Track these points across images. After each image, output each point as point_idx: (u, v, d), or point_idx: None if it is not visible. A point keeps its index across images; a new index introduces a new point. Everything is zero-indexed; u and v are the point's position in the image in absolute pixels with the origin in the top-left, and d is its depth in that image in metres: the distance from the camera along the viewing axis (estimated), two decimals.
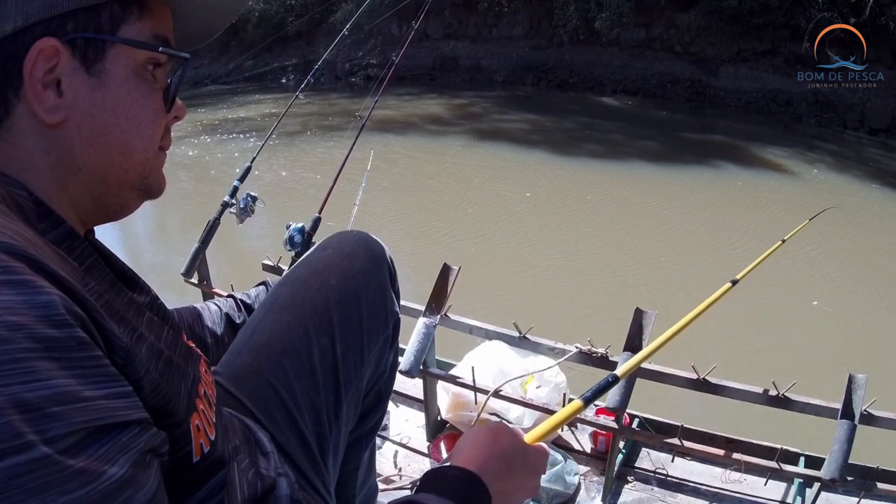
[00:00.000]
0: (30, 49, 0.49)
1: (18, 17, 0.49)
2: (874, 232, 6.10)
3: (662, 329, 1.57)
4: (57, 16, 0.50)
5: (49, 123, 0.51)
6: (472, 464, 0.58)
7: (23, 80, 0.50)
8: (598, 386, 0.76)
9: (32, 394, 0.34)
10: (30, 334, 0.35)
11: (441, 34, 15.43)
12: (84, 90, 0.52)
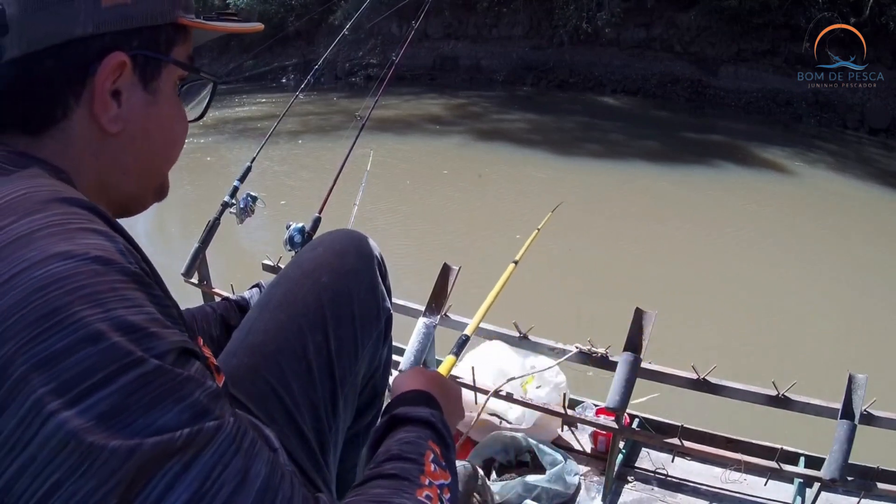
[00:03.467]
0: (102, 58, 0.51)
1: (89, 23, 0.50)
2: (875, 233, 6.10)
3: (662, 329, 1.58)
4: (126, 30, 0.52)
5: (110, 132, 0.54)
6: (412, 387, 0.69)
7: (85, 86, 0.51)
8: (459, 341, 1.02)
9: (134, 317, 0.37)
10: (120, 269, 0.39)
11: (441, 34, 15.43)
12: (140, 105, 0.55)
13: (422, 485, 0.52)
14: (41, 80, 0.51)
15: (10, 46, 0.50)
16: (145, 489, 0.34)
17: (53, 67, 0.51)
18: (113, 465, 0.34)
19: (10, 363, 0.35)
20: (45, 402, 0.34)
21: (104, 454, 0.34)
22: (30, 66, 0.51)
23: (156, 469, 0.34)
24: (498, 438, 1.71)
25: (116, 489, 0.33)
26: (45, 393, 0.34)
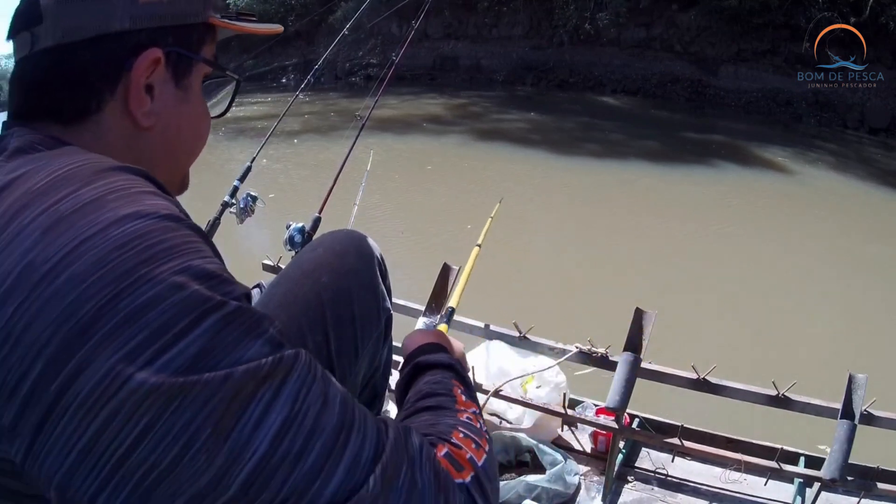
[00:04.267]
0: (138, 54, 0.52)
1: (126, 19, 0.51)
2: (875, 232, 6.10)
3: (662, 329, 1.58)
4: (160, 27, 0.53)
5: (143, 126, 0.54)
6: (426, 341, 0.72)
7: (120, 80, 0.52)
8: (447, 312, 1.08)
9: (209, 265, 0.39)
10: (189, 224, 0.41)
11: (441, 34, 15.43)
12: (171, 101, 0.56)
13: (459, 410, 0.57)
14: (77, 72, 0.51)
15: (43, 36, 0.51)
16: (243, 416, 0.36)
17: (89, 60, 0.51)
18: (206, 394, 0.35)
19: (95, 321, 0.35)
20: (134, 355, 0.35)
21: (197, 387, 0.35)
22: (65, 57, 0.51)
23: (250, 396, 0.36)
24: (498, 438, 1.71)
25: (211, 418, 0.35)
26: (135, 346, 0.35)
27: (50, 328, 0.36)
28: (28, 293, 0.36)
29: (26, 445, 0.36)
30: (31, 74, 0.52)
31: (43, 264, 0.37)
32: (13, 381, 0.36)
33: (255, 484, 0.36)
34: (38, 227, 0.38)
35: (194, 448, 0.35)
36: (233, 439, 0.35)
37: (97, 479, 0.35)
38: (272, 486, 0.36)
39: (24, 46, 0.52)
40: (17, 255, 0.38)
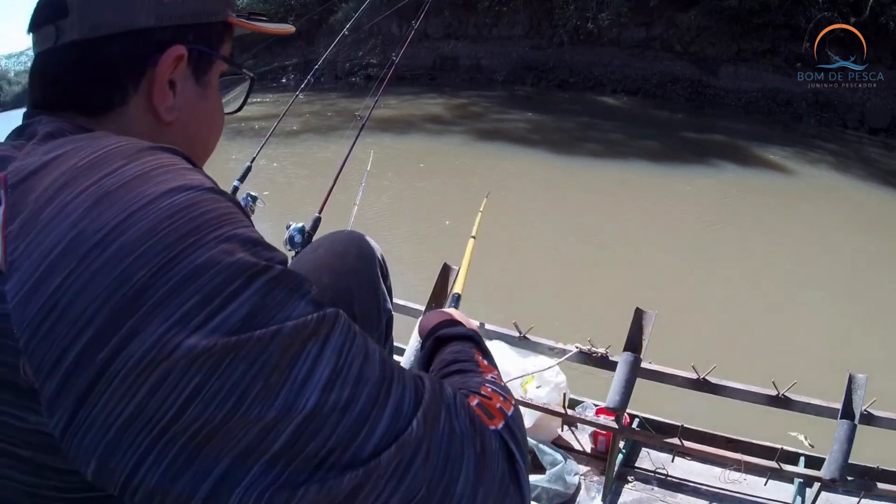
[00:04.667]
0: (163, 50, 0.54)
1: (151, 16, 0.53)
2: (875, 232, 6.10)
3: (662, 329, 1.58)
4: (184, 25, 0.55)
5: (165, 121, 0.56)
6: (443, 318, 0.74)
7: (144, 75, 0.54)
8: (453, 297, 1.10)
9: (252, 234, 0.41)
10: (229, 198, 0.43)
11: (441, 34, 15.43)
12: (192, 97, 0.58)
13: (483, 372, 0.59)
14: (103, 66, 0.53)
15: (69, 30, 0.52)
16: (293, 370, 0.37)
17: (116, 54, 0.53)
18: (257, 351, 0.36)
19: (147, 289, 0.36)
20: (187, 320, 0.36)
21: (248, 345, 0.36)
22: (92, 51, 0.52)
23: (298, 351, 0.38)
24: None
25: (262, 373, 0.36)
26: (187, 310, 0.36)
27: (100, 297, 0.36)
28: (76, 264, 0.37)
29: (68, 416, 0.37)
30: (57, 67, 0.53)
31: (92, 236, 0.38)
32: (57, 352, 0.37)
33: (304, 435, 0.37)
34: (85, 201, 0.39)
35: (246, 404, 0.36)
36: (284, 393, 0.37)
37: (143, 444, 0.36)
38: (320, 436, 0.37)
39: (47, 39, 0.53)
40: (64, 228, 0.38)
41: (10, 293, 0.38)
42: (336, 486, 0.37)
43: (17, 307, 0.38)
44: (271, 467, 0.36)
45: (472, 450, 0.43)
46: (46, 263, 0.38)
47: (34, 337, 0.37)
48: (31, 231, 0.39)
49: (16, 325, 0.38)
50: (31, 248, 0.38)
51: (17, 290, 0.38)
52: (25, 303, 0.38)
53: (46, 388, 0.37)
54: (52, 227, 0.38)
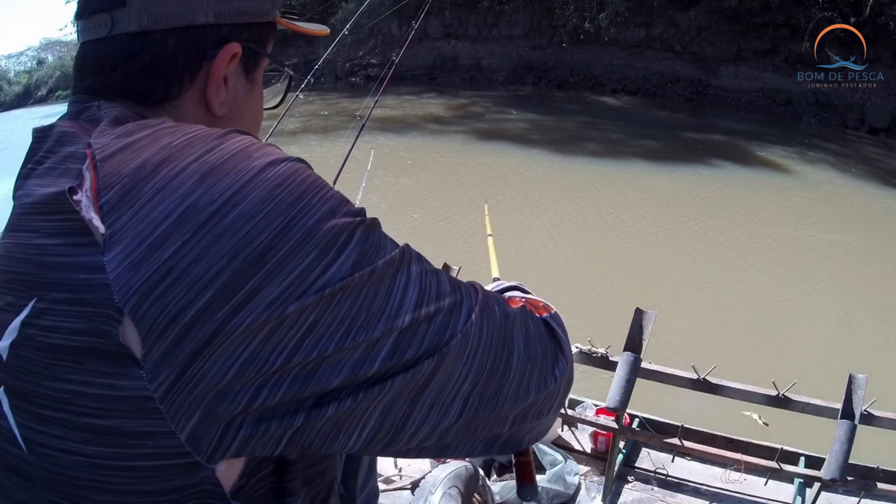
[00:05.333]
0: (220, 46, 0.57)
1: (210, 13, 0.56)
2: (875, 232, 6.11)
3: (662, 329, 1.58)
4: (239, 24, 0.58)
5: (217, 115, 0.58)
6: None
7: (200, 69, 0.56)
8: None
9: (340, 195, 0.46)
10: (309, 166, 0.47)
11: (441, 34, 15.44)
12: (242, 92, 0.61)
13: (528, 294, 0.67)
14: (163, 58, 0.55)
15: (126, 20, 0.54)
16: (389, 297, 0.44)
17: (175, 48, 0.55)
18: (360, 287, 0.43)
19: (268, 250, 0.41)
20: (305, 274, 0.41)
21: (354, 284, 0.43)
22: (151, 43, 0.54)
23: (391, 282, 0.45)
24: None
25: (366, 303, 0.43)
26: (306, 266, 0.41)
27: (222, 261, 0.40)
28: (194, 232, 0.40)
29: (176, 375, 0.40)
30: (114, 56, 0.54)
31: (208, 206, 0.41)
32: (171, 314, 0.39)
33: (401, 345, 0.44)
34: (192, 175, 0.42)
35: (354, 330, 0.42)
36: (384, 317, 0.44)
37: (252, 388, 0.41)
38: (414, 344, 0.45)
39: (100, 27, 0.54)
40: (175, 199, 0.41)
41: (112, 263, 0.40)
42: (418, 371, 0.45)
43: (123, 275, 0.40)
44: (370, 369, 0.43)
45: (521, 332, 0.53)
46: (158, 233, 0.40)
47: (144, 302, 0.39)
48: (133, 203, 0.41)
49: (118, 292, 0.40)
50: (136, 219, 0.41)
51: (123, 259, 0.40)
52: (134, 270, 0.40)
53: (154, 350, 0.40)
54: (159, 198, 0.41)
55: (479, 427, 0.51)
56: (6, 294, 0.46)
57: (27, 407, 0.45)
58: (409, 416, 0.46)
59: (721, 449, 1.52)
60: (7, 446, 0.47)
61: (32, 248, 0.45)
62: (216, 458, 0.42)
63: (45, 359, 0.43)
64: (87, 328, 0.41)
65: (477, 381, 0.49)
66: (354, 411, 0.44)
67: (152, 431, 0.41)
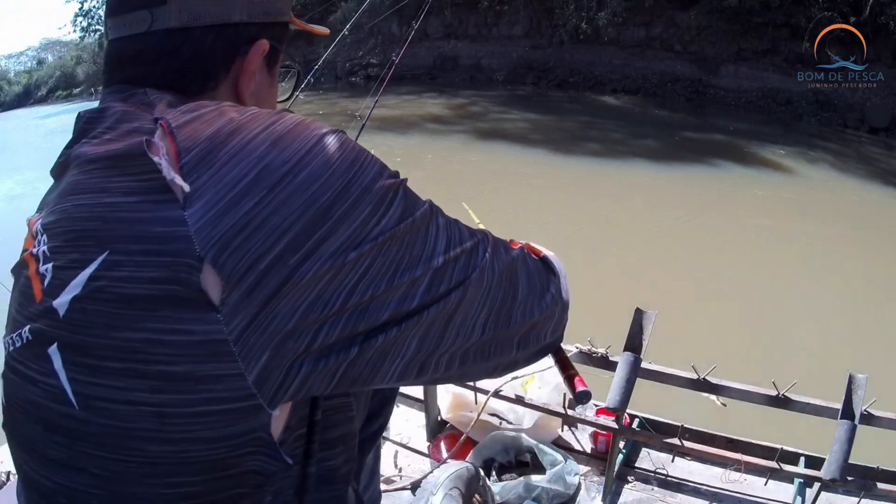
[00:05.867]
0: (251, 43, 0.62)
1: (244, 12, 0.61)
2: (875, 232, 6.10)
3: (662, 329, 1.58)
4: (266, 23, 0.64)
5: (246, 105, 0.61)
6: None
7: (234, 63, 0.62)
8: None
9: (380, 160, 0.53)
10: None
11: (441, 33, 15.43)
12: (265, 85, 0.67)
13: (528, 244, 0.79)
14: (203, 52, 0.60)
15: (166, 17, 0.58)
16: (426, 243, 0.52)
17: (214, 43, 0.60)
18: (402, 235, 0.51)
19: (333, 204, 0.47)
20: (364, 224, 0.48)
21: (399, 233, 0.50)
22: (192, 39, 0.59)
23: (426, 230, 0.53)
24: (498, 439, 1.71)
25: (408, 249, 0.51)
26: (364, 218, 0.48)
27: (295, 213, 0.46)
28: (269, 189, 0.46)
29: (251, 317, 0.45)
30: (155, 49, 0.59)
31: (281, 167, 0.47)
32: (247, 263, 0.44)
33: (435, 282, 0.52)
34: (264, 141, 0.48)
35: (400, 272, 0.50)
36: (423, 259, 0.52)
37: (315, 326, 0.46)
38: (445, 280, 0.53)
39: (139, 23, 0.58)
40: (251, 161, 0.47)
41: (194, 217, 0.45)
42: (449, 301, 0.53)
43: (204, 227, 0.44)
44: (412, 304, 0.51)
45: (524, 268, 0.63)
46: (237, 190, 0.45)
47: (224, 251, 0.44)
48: (212, 164, 0.46)
49: (200, 243, 0.44)
50: (216, 178, 0.46)
51: (204, 213, 0.45)
52: (214, 223, 0.44)
53: (233, 294, 0.44)
54: (236, 160, 0.47)
55: (493, 350, 0.60)
56: (69, 251, 0.48)
57: (87, 361, 0.47)
58: (441, 341, 0.54)
59: (721, 449, 1.52)
60: (54, 405, 0.48)
61: (103, 206, 0.48)
62: (276, 401, 0.47)
63: (116, 309, 0.45)
64: (165, 276, 0.44)
65: (492, 308, 0.57)
66: (398, 340, 0.51)
67: (222, 375, 0.45)
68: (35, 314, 0.50)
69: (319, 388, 0.49)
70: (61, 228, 0.50)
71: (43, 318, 0.49)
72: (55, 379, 0.48)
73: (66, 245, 0.49)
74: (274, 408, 0.47)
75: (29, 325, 0.50)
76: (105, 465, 0.47)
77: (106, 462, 0.47)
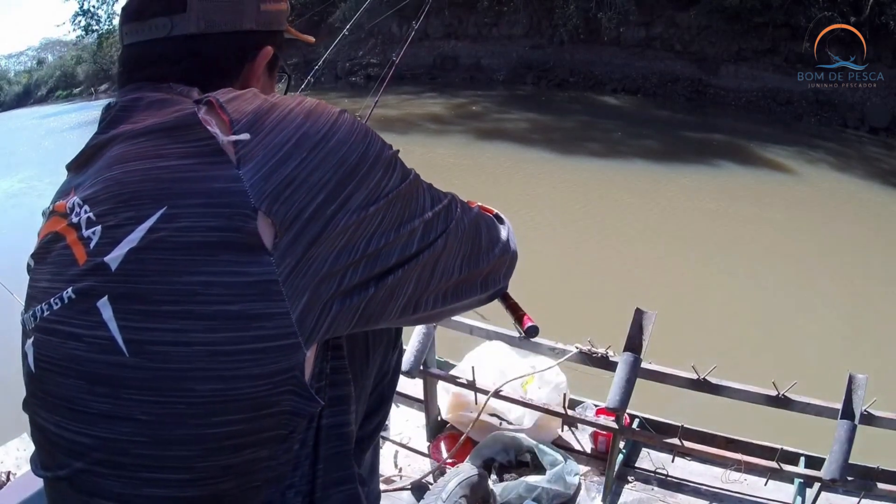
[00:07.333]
0: (260, 49, 0.70)
1: (252, 21, 0.69)
2: (875, 232, 6.10)
3: (662, 329, 1.58)
4: (270, 30, 0.71)
5: None
6: None
7: (244, 66, 0.70)
8: None
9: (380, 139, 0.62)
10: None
11: (441, 33, 15.42)
12: (266, 87, 0.73)
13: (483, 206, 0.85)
14: (218, 56, 0.67)
15: (185, 23, 0.65)
16: (418, 200, 0.62)
17: (227, 48, 0.67)
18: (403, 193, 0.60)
19: (358, 164, 0.57)
20: (380, 180, 0.58)
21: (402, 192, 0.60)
22: (209, 44, 0.66)
23: (417, 190, 0.63)
24: (498, 439, 1.71)
25: (408, 205, 0.61)
26: (380, 177, 0.58)
27: (330, 171, 0.54)
28: (309, 151, 0.54)
29: (297, 259, 0.52)
30: (176, 52, 0.65)
31: (316, 134, 0.56)
32: (294, 212, 0.52)
33: (427, 231, 0.62)
34: (298, 115, 0.56)
35: (402, 224, 0.60)
36: (417, 213, 0.62)
37: (342, 267, 0.55)
38: (433, 229, 0.63)
39: (159, 29, 0.65)
40: (292, 129, 0.55)
41: (248, 174, 0.52)
42: (436, 247, 0.63)
43: (257, 183, 0.52)
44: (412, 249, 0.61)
45: (484, 222, 0.74)
46: (283, 152, 0.53)
47: (276, 202, 0.52)
48: (259, 131, 0.54)
49: (254, 196, 0.51)
50: (264, 142, 0.54)
51: (256, 171, 0.52)
52: (266, 179, 0.52)
53: (284, 239, 0.52)
54: (279, 129, 0.55)
55: (464, 290, 0.71)
56: (123, 211, 0.53)
57: (141, 307, 0.51)
58: (431, 280, 0.64)
59: (721, 449, 1.52)
60: (100, 356, 0.52)
61: (158, 169, 0.54)
62: (311, 340, 0.54)
63: (175, 256, 0.51)
64: (224, 225, 0.51)
65: (465, 253, 0.68)
66: (401, 280, 0.60)
67: (272, 313, 0.51)
68: (78, 275, 0.54)
69: (343, 326, 0.57)
70: (110, 193, 0.55)
71: (90, 276, 0.53)
72: (103, 330, 0.52)
73: (118, 206, 0.54)
74: (308, 347, 0.54)
75: (71, 286, 0.54)
76: (152, 409, 0.51)
77: (153, 406, 0.51)
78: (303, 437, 0.61)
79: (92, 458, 0.54)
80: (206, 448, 0.52)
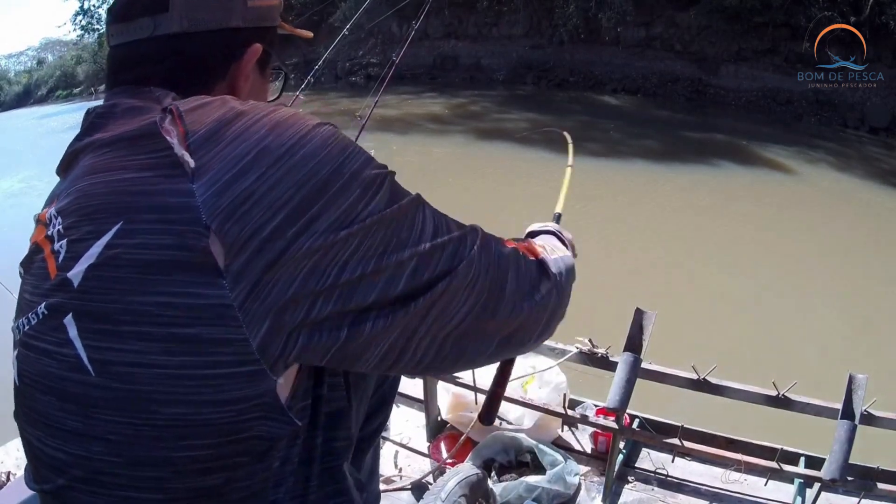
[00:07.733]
0: (247, 47, 0.66)
1: (240, 18, 0.65)
2: (875, 232, 6.10)
3: (662, 329, 1.58)
4: (260, 27, 0.68)
5: None
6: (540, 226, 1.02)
7: (231, 65, 0.66)
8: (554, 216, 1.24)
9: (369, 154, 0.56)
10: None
11: (441, 33, 15.42)
12: (257, 86, 0.71)
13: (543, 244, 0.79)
14: (202, 55, 0.64)
15: (168, 23, 0.62)
16: (413, 228, 0.55)
17: (212, 47, 0.64)
18: (390, 219, 0.53)
19: (329, 181, 0.51)
20: (355, 203, 0.51)
21: (386, 217, 0.53)
22: (192, 43, 0.63)
23: (413, 216, 0.56)
24: (498, 439, 1.71)
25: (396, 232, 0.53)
26: (355, 198, 0.52)
27: (292, 188, 0.49)
28: (269, 166, 0.49)
29: (252, 284, 0.47)
30: (159, 52, 0.63)
31: (278, 148, 0.51)
32: (249, 231, 0.47)
33: (420, 267, 0.54)
34: (263, 126, 0.52)
35: (387, 253, 0.52)
36: (410, 243, 0.54)
37: (310, 298, 0.49)
38: (431, 266, 0.55)
39: (142, 29, 0.63)
40: (252, 142, 0.50)
41: (201, 189, 0.48)
42: (437, 291, 0.55)
43: (210, 199, 0.48)
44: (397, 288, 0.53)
45: (514, 268, 0.63)
46: (239, 166, 0.49)
47: (228, 220, 0.47)
48: (217, 143, 0.50)
49: (206, 213, 0.47)
50: (220, 155, 0.49)
51: (210, 186, 0.48)
52: (219, 195, 0.48)
53: (236, 262, 0.47)
54: (238, 141, 0.50)
55: (470, 342, 0.60)
56: (85, 225, 0.52)
57: (102, 327, 0.49)
58: (420, 326, 0.55)
59: (721, 449, 1.52)
60: (69, 374, 0.51)
61: (119, 181, 0.52)
62: (278, 369, 0.50)
63: (131, 274, 0.48)
64: (177, 243, 0.47)
65: (477, 301, 0.58)
66: (383, 329, 0.53)
67: (229, 339, 0.48)
68: (50, 290, 0.53)
69: (315, 360, 0.52)
70: (77, 206, 0.53)
71: (58, 292, 0.52)
72: (70, 348, 0.50)
73: (81, 220, 0.52)
74: (277, 375, 0.50)
75: (44, 301, 0.53)
76: (121, 429, 0.50)
77: (121, 427, 0.50)
78: (284, 454, 0.57)
79: (72, 475, 0.53)
80: (175, 471, 0.51)
